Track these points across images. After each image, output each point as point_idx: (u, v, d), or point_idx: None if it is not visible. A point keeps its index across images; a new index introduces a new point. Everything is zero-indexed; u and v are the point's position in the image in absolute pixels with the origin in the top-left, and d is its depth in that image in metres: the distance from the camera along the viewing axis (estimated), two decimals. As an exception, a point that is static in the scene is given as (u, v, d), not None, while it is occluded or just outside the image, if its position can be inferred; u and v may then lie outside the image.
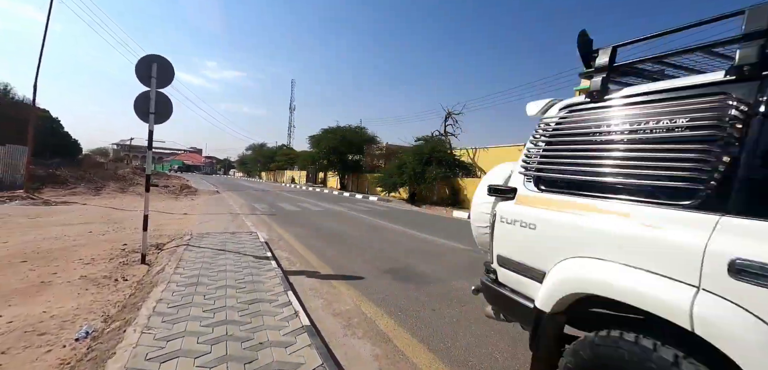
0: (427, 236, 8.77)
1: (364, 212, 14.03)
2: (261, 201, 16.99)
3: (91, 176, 19.22)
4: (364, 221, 11.05)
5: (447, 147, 24.21)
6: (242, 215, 11.49)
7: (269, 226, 9.42)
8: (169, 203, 15.39)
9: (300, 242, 7.27)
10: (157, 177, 36.25)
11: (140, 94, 5.95)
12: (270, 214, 12.01)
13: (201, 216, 11.31)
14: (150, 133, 5.93)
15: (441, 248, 7.32)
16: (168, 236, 8.11)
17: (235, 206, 14.22)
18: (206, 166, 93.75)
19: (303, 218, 11.08)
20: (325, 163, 35.57)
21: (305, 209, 14.03)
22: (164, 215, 11.71)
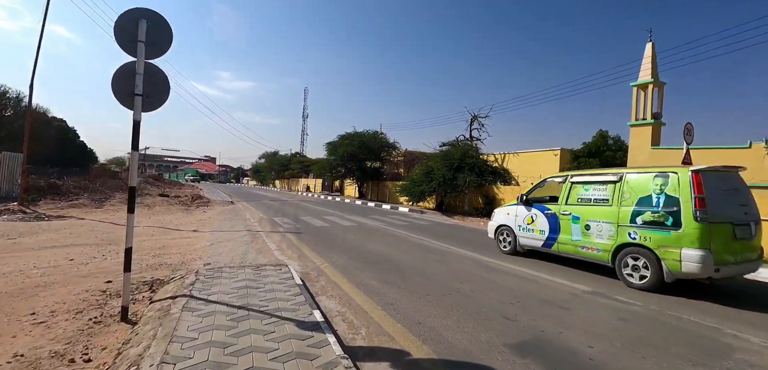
0: (516, 267, 6.55)
1: (402, 226, 11.87)
2: (281, 214, 14.96)
3: (96, 187, 17.51)
4: (411, 241, 8.89)
5: (478, 152, 21.96)
6: (263, 233, 9.43)
7: (299, 251, 7.31)
8: (179, 216, 13.47)
9: (348, 280, 5.13)
10: (169, 186, 34.72)
11: (121, 68, 3.93)
12: (295, 231, 9.92)
13: (213, 234, 9.29)
14: (135, 125, 3.89)
15: (558, 292, 5.09)
16: (169, 267, 6.07)
17: (252, 220, 12.21)
18: (220, 174, 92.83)
19: (336, 238, 8.96)
20: (342, 171, 33.55)
21: (333, 223, 11.92)
22: (170, 232, 9.73)
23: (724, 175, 5.46)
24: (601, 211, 5.87)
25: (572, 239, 6.21)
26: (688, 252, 4.77)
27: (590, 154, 18.93)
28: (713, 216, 4.84)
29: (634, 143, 16.22)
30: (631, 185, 5.66)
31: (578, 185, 6.45)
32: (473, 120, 29.61)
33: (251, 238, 8.75)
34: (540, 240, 6.82)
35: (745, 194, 5.46)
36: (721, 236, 4.88)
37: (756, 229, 5.33)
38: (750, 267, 5.26)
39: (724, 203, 5.14)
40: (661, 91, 16.08)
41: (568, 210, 6.39)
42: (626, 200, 5.60)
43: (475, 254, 7.42)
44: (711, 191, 5.00)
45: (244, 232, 9.68)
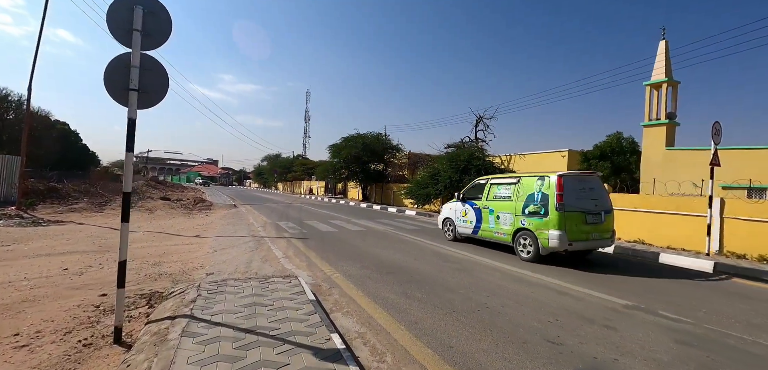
0: (542, 277, 6.09)
1: (411, 231, 11.41)
2: (286, 217, 14.53)
3: (96, 190, 17.12)
4: (423, 247, 8.43)
5: (485, 154, 21.49)
6: (268, 239, 8.99)
7: (307, 259, 6.86)
8: (180, 220, 13.05)
9: (364, 294, 4.67)
10: (171, 189, 34.35)
11: (115, 60, 3.51)
12: (302, 237, 9.47)
13: (216, 240, 8.86)
14: (130, 123, 3.46)
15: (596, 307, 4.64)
16: (169, 277, 5.64)
17: (256, 225, 11.77)
18: (222, 177, 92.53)
19: (346, 245, 8.50)
20: (345, 174, 33.12)
21: (341, 228, 11.46)
22: (171, 238, 9.31)
23: (582, 178, 7.45)
24: (507, 205, 7.80)
25: (489, 227, 8.20)
26: (551, 232, 6.70)
27: (602, 156, 18.46)
28: (569, 207, 6.77)
29: (648, 144, 15.75)
30: (524, 185, 7.56)
31: (494, 186, 8.37)
32: (478, 121, 29.14)
33: (256, 244, 8.31)
34: (470, 228, 8.83)
35: (598, 191, 7.43)
36: (574, 221, 6.76)
37: (606, 216, 7.21)
38: (601, 244, 7.26)
39: (579, 198, 7.00)
40: (675, 90, 15.61)
41: (487, 205, 8.35)
42: (520, 196, 7.52)
43: (495, 261, 6.95)
44: (569, 189, 6.90)
45: (248, 238, 9.25)
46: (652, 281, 6.02)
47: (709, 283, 6.10)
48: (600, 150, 18.67)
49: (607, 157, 18.58)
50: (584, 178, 7.51)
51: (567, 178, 7.03)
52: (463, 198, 9.21)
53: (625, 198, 12.19)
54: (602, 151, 18.58)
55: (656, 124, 15.45)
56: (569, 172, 7.33)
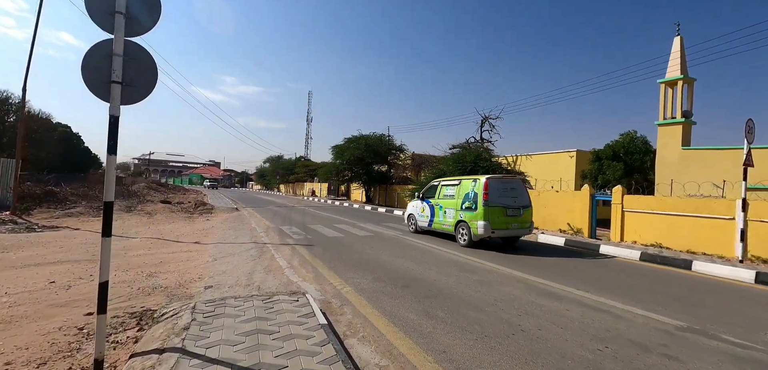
0: (575, 291, 5.55)
1: (420, 236, 10.88)
2: (289, 221, 14.02)
3: (95, 193, 16.65)
4: (438, 255, 7.90)
5: (491, 155, 20.95)
6: (271, 246, 8.47)
7: (313, 269, 6.34)
8: (180, 225, 12.56)
9: (380, 313, 4.15)
10: (172, 192, 33.92)
11: (94, 48, 3.00)
12: (307, 243, 8.95)
13: (216, 247, 8.35)
14: (112, 121, 2.96)
15: (645, 328, 4.11)
16: (164, 291, 5.14)
17: (258, 230, 11.26)
18: (224, 178, 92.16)
19: (354, 252, 7.98)
20: (349, 176, 32.61)
21: (346, 233, 10.94)
22: (170, 244, 8.80)
23: (505, 180, 9.55)
24: (451, 202, 9.70)
25: (439, 220, 10.18)
26: (479, 223, 8.53)
27: (614, 156, 17.86)
28: (492, 203, 8.60)
29: (663, 143, 15.17)
30: (463, 186, 9.46)
31: (444, 187, 10.40)
32: (484, 121, 28.55)
33: (258, 252, 7.80)
34: (426, 222, 10.81)
35: (518, 191, 9.30)
36: (496, 214, 8.60)
37: (524, 211, 9.08)
38: (520, 232, 9.15)
39: (502, 196, 8.85)
40: (691, 88, 15.03)
41: (439, 203, 10.32)
42: (460, 195, 9.38)
43: (518, 271, 6.42)
44: (494, 189, 8.76)
45: (250, 244, 8.74)
46: (695, 295, 5.48)
47: (755, 296, 5.55)
48: (612, 150, 18.09)
49: (619, 157, 18.00)
50: (507, 180, 9.73)
51: (492, 180, 9.06)
52: (422, 197, 11.29)
53: (641, 200, 11.67)
54: (614, 150, 18.00)
55: (671, 123, 14.87)
56: (494, 176, 9.61)
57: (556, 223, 15.58)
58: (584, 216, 14.51)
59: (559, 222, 15.49)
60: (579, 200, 14.83)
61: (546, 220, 16.19)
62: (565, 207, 15.59)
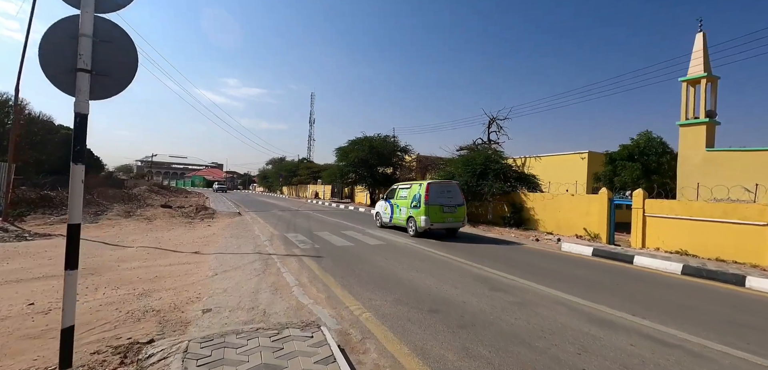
0: (633, 319, 4.85)
1: (435, 245, 10.18)
2: (294, 228, 13.34)
3: (93, 198, 16.03)
4: (462, 270, 7.19)
5: (502, 156, 20.21)
6: (276, 257, 7.78)
7: (325, 288, 5.65)
8: (180, 231, 11.89)
9: (411, 350, 3.44)
10: (174, 195, 33.36)
11: (55, 27, 2.32)
12: (315, 254, 8.26)
13: (217, 259, 7.66)
14: (79, 121, 2.28)
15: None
16: (156, 315, 4.48)
17: (263, 238, 10.58)
18: (227, 181, 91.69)
19: (368, 265, 7.28)
20: (353, 178, 31.92)
21: (357, 241, 10.24)
22: (167, 255, 8.13)
23: (443, 184, 11.95)
24: (404, 202, 12.08)
25: (397, 216, 12.56)
26: (422, 218, 10.92)
27: (629, 157, 17.12)
28: (432, 202, 10.99)
29: (685, 144, 14.41)
30: (413, 189, 11.91)
31: (400, 190, 12.90)
32: (491, 122, 27.84)
33: (263, 265, 7.11)
34: (388, 218, 13.22)
35: (454, 193, 11.79)
36: (435, 211, 10.98)
37: (458, 208, 11.51)
38: (456, 225, 11.60)
39: (439, 197, 11.24)
40: (715, 87, 14.27)
41: (396, 202, 12.68)
42: (410, 196, 11.76)
43: (557, 291, 5.70)
44: (433, 191, 11.19)
45: (254, 255, 8.05)
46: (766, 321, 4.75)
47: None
48: (627, 150, 17.34)
49: (635, 158, 17.24)
50: (445, 184, 12.20)
51: (432, 185, 11.59)
52: (386, 198, 13.89)
53: (664, 204, 11.00)
54: (630, 151, 17.25)
55: (695, 123, 14.12)
56: (434, 181, 12.58)
57: (571, 227, 14.86)
58: (602, 221, 13.83)
59: (575, 227, 14.78)
60: (596, 204, 14.14)
61: (560, 224, 15.46)
62: (580, 211, 14.90)
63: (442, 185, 11.92)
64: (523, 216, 17.53)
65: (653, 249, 10.86)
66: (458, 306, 4.73)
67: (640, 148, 16.95)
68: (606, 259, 8.80)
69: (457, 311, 4.56)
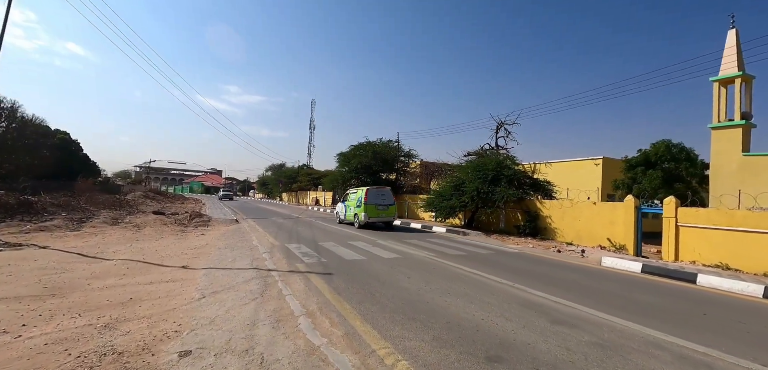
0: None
1: (460, 258, 8.94)
2: (296, 237, 12.10)
3: (79, 203, 14.77)
4: (503, 292, 5.96)
5: (516, 162, 19.04)
6: (277, 274, 6.53)
7: (341, 318, 4.40)
8: (170, 241, 10.64)
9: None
10: (171, 201, 32.07)
11: None
12: (323, 271, 7.01)
13: (207, 276, 6.42)
14: None
15: None
16: (117, 359, 3.25)
17: (261, 249, 9.33)
18: (226, 187, 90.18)
19: (388, 287, 6.03)
20: (355, 184, 30.70)
21: (369, 254, 8.99)
22: (150, 270, 6.87)
23: (378, 189, 16.15)
24: (351, 203, 16.19)
25: (348, 214, 16.36)
26: (362, 214, 15.21)
27: (647, 163, 15.99)
28: (369, 203, 15.24)
29: (718, 149, 13.28)
30: (357, 194, 16.13)
31: (350, 195, 17.07)
32: (499, 127, 26.76)
33: (261, 284, 5.87)
34: (343, 216, 17.08)
35: (386, 196, 16.00)
36: (371, 209, 15.23)
37: (389, 207, 15.76)
38: (388, 219, 16.02)
39: (375, 198, 15.45)
40: (750, 86, 13.19)
41: (348, 204, 16.63)
42: (356, 198, 16.00)
43: (643, 327, 4.43)
44: (371, 195, 15.49)
45: (251, 271, 6.81)
46: None
47: None
48: (645, 156, 16.20)
49: (653, 164, 16.09)
50: (379, 189, 16.15)
51: (370, 190, 15.64)
52: (342, 200, 18.06)
53: (700, 213, 9.91)
54: (647, 157, 16.11)
55: (729, 126, 13.02)
56: (371, 187, 16.24)
57: (592, 237, 13.71)
58: (628, 231, 12.70)
59: (597, 237, 13.64)
60: (622, 213, 13.01)
61: (581, 234, 14.29)
62: (604, 220, 13.77)
63: (377, 190, 16.26)
64: (538, 225, 16.33)
65: (688, 262, 9.78)
66: (524, 351, 3.50)
67: (658, 155, 15.81)
68: (659, 277, 7.58)
69: (526, 359, 3.33)
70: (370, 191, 15.67)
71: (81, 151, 46.94)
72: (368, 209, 15.10)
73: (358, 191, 16.46)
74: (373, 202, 15.31)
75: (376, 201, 15.43)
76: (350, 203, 16.51)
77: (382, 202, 15.58)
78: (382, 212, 15.48)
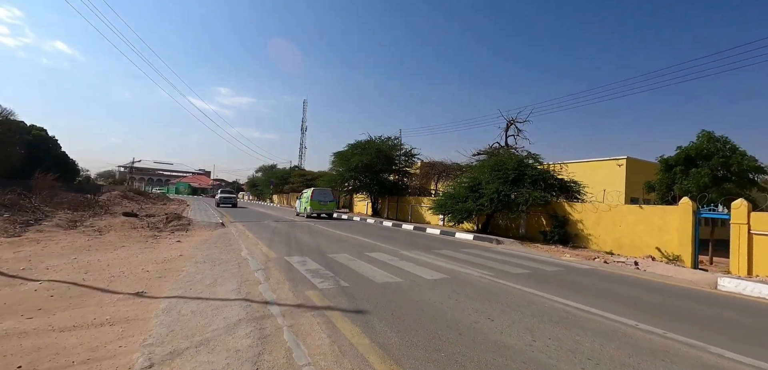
0: None
1: (528, 280, 6.66)
2: (297, 246, 9.64)
3: (30, 203, 12.06)
4: (637, 341, 3.69)
5: (540, 160, 16.96)
6: (278, 310, 4.09)
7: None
8: (132, 252, 8.07)
9: None
10: (152, 202, 29.09)
11: None
12: (352, 308, 4.57)
13: (170, 311, 3.92)
14: None
15: None
16: None
17: (253, 264, 6.86)
18: (214, 188, 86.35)
19: (467, 339, 3.67)
20: (354, 185, 28.26)
21: (402, 272, 6.58)
22: (86, 299, 4.31)
23: (321, 190, 23.83)
24: (303, 200, 23.28)
25: (302, 209, 23.41)
26: (308, 207, 21.76)
27: (688, 161, 14.01)
28: (315, 200, 21.98)
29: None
30: (307, 193, 23.12)
31: (304, 193, 24.02)
32: (509, 125, 24.75)
33: (255, 334, 3.46)
34: (299, 210, 24.42)
35: (327, 194, 23.19)
36: (316, 204, 21.80)
37: (329, 203, 22.59)
38: (329, 211, 22.51)
39: (319, 196, 22.41)
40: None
41: (301, 201, 24.03)
42: (306, 197, 22.74)
43: None
44: (316, 194, 22.57)
45: (239, 306, 4.37)
46: None
47: None
48: (686, 153, 14.23)
49: (693, 162, 14.09)
50: (322, 190, 23.77)
51: (316, 190, 23.12)
52: (298, 198, 25.38)
53: None
54: (688, 154, 14.14)
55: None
56: (317, 188, 24.18)
57: (637, 246, 11.71)
58: (684, 239, 10.77)
59: (643, 245, 11.64)
60: (675, 218, 11.07)
61: (622, 242, 12.25)
62: (651, 226, 11.78)
63: (321, 190, 23.38)
64: (568, 231, 14.23)
65: (765, 277, 8.13)
66: None
67: (698, 151, 13.82)
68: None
69: None
70: (315, 191, 22.85)
71: (58, 149, 43.26)
72: (313, 203, 21.66)
73: (307, 191, 23.41)
74: (317, 199, 22.04)
75: (320, 198, 22.19)
76: (303, 200, 23.44)
77: (324, 199, 22.38)
78: (323, 206, 22.04)
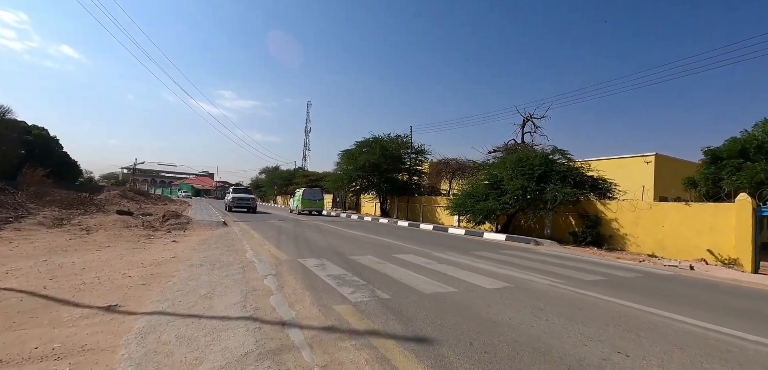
0: None
1: (605, 287, 5.37)
2: (308, 247, 8.37)
3: (14, 199, 10.89)
4: None
5: (568, 155, 15.67)
6: (301, 336, 2.80)
7: None
8: (118, 252, 6.80)
9: None
10: (152, 202, 27.94)
11: None
12: (407, 334, 3.27)
13: (145, 340, 2.61)
14: None
15: None
16: None
17: (260, 269, 5.60)
18: (217, 189, 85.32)
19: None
20: (363, 184, 26.95)
21: (450, 279, 5.29)
22: (40, 318, 3.01)
23: (311, 189, 25.98)
24: (296, 198, 25.30)
25: (294, 206, 25.79)
26: (299, 205, 24.17)
27: (742, 154, 12.72)
28: (305, 199, 24.08)
29: None
30: (299, 192, 25.63)
31: (296, 192, 26.59)
32: (526, 122, 23.51)
33: (271, 361, 2.21)
34: (292, 207, 26.50)
35: (317, 193, 25.15)
36: (306, 202, 23.92)
37: (318, 202, 24.44)
38: (318, 209, 24.32)
39: (309, 195, 24.50)
40: None
41: (294, 199, 26.50)
42: (298, 195, 25.11)
43: None
44: (306, 193, 24.83)
45: (245, 327, 3.10)
46: None
47: None
48: (740, 145, 12.91)
49: (746, 154, 12.77)
50: (312, 189, 25.90)
51: (306, 190, 25.40)
52: (291, 197, 29.24)
53: None
54: (744, 146, 12.82)
55: None
56: (308, 187, 27.43)
57: (683, 249, 10.40)
58: (743, 240, 9.48)
59: (691, 247, 10.33)
60: (731, 216, 9.79)
61: (665, 244, 10.92)
62: (700, 226, 10.47)
63: (311, 190, 25.36)
64: (601, 231, 12.92)
65: None
66: None
67: (758, 142, 12.51)
68: None
69: None
70: (306, 191, 24.82)
71: (60, 149, 42.27)
72: (304, 202, 23.59)
73: (299, 191, 25.50)
74: (307, 198, 23.92)
75: (309, 197, 24.04)
76: (295, 198, 25.43)
77: (313, 198, 24.13)
78: (313, 205, 23.81)
